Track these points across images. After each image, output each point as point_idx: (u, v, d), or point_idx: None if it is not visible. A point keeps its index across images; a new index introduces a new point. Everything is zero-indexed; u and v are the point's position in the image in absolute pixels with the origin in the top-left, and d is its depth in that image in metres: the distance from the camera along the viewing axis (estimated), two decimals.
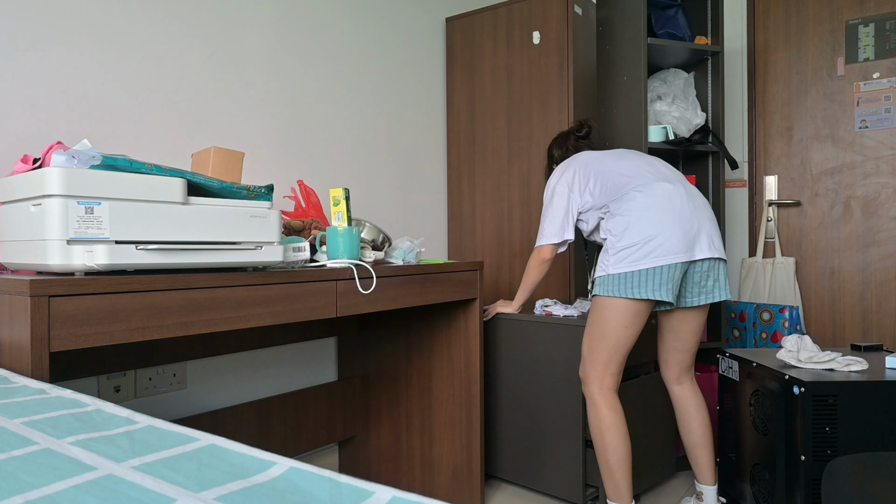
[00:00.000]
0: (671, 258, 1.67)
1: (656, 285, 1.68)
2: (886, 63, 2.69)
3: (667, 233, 1.68)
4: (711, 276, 1.78)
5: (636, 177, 1.78)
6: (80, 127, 1.61)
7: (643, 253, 1.68)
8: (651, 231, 1.68)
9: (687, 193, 1.75)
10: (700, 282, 1.78)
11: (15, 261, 1.15)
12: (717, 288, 1.80)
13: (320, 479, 0.53)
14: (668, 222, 1.69)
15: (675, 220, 1.69)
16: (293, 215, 1.81)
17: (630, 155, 1.87)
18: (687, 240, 1.70)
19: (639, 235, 1.69)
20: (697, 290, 1.79)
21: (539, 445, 2.10)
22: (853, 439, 1.55)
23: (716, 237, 1.76)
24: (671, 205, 1.71)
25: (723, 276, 1.80)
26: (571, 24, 2.42)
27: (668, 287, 1.68)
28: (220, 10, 1.93)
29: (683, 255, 1.69)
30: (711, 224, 1.76)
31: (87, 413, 0.74)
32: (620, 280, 1.71)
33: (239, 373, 1.99)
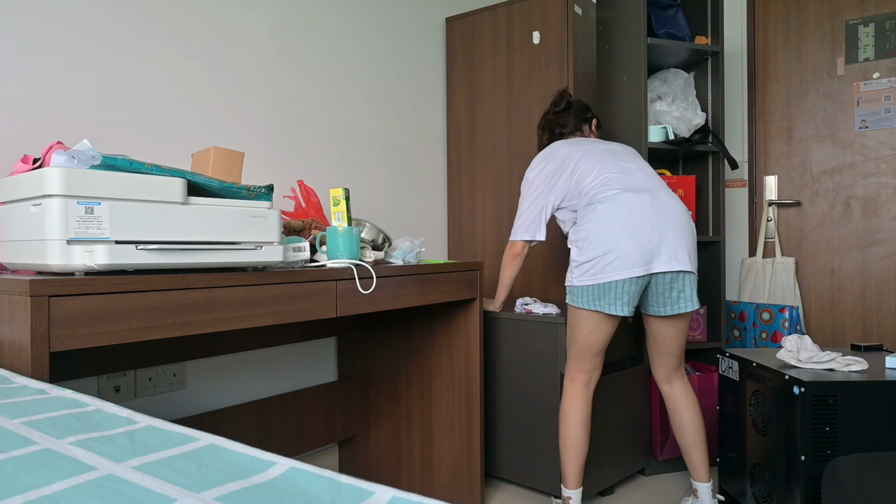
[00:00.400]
0: (626, 273, 1.71)
1: (612, 299, 1.75)
2: (886, 63, 2.69)
3: (623, 247, 1.71)
4: (675, 287, 1.77)
5: (604, 186, 1.79)
6: (80, 127, 1.61)
7: (600, 267, 1.74)
8: (608, 245, 1.72)
9: (652, 204, 1.74)
10: (664, 293, 1.78)
11: (15, 261, 1.15)
12: (682, 299, 1.79)
13: (320, 479, 0.53)
14: (625, 236, 1.71)
15: (632, 233, 1.71)
16: (293, 215, 1.81)
17: (606, 159, 1.85)
18: (644, 253, 1.71)
19: (597, 250, 1.74)
20: (662, 301, 1.80)
21: (531, 443, 2.11)
22: (853, 439, 1.55)
23: (680, 249, 1.73)
24: (630, 217, 1.72)
25: (689, 288, 1.78)
26: (571, 24, 2.42)
27: (623, 301, 1.74)
28: (220, 10, 1.93)
29: (639, 269, 1.71)
30: (677, 235, 1.73)
31: (87, 413, 0.74)
32: (582, 292, 1.79)
33: (239, 373, 1.99)
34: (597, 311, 1.77)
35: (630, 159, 1.87)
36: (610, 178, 1.79)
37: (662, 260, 1.72)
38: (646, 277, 1.74)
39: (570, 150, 1.90)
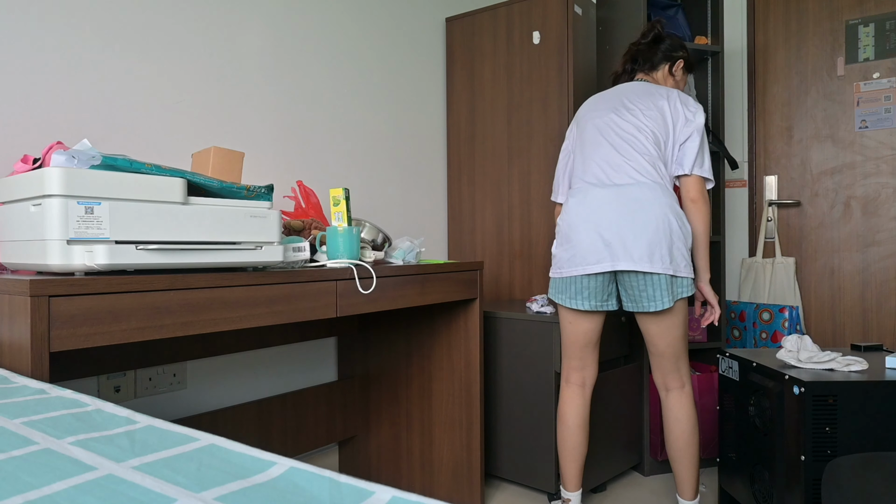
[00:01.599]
0: (582, 269, 1.72)
1: (572, 293, 1.76)
2: (886, 63, 2.69)
3: (584, 243, 1.71)
4: (636, 287, 1.70)
5: (582, 175, 1.80)
6: (80, 127, 1.61)
7: (563, 260, 1.77)
8: (571, 240, 1.74)
9: (618, 200, 1.69)
10: (627, 291, 1.74)
11: (15, 261, 1.15)
12: (644, 298, 1.71)
13: (320, 479, 0.53)
14: (585, 231, 1.71)
15: (592, 229, 1.70)
16: (293, 215, 1.81)
17: (599, 142, 1.79)
18: (599, 250, 1.69)
19: (562, 244, 1.78)
20: (629, 298, 1.75)
21: (531, 442, 2.11)
22: (853, 439, 1.55)
23: (637, 249, 1.65)
24: (592, 214, 1.71)
25: (651, 288, 1.68)
26: (571, 24, 2.42)
27: (583, 296, 1.75)
28: (220, 10, 1.93)
29: (595, 265, 1.70)
30: (637, 234, 1.66)
31: (87, 413, 0.74)
32: (552, 284, 1.84)
33: (239, 373, 1.99)
34: (562, 305, 1.81)
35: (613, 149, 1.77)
36: (590, 168, 1.78)
37: (619, 259, 1.68)
38: (608, 274, 1.73)
39: (585, 120, 1.87)
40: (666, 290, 1.69)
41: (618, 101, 1.83)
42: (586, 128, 1.85)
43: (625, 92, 1.86)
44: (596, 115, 1.85)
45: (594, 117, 1.85)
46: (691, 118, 1.78)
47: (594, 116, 1.85)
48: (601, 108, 1.85)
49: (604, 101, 1.87)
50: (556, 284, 1.81)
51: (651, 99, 1.80)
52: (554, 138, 2.47)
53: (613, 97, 1.86)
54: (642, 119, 1.77)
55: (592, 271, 1.71)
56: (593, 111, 1.87)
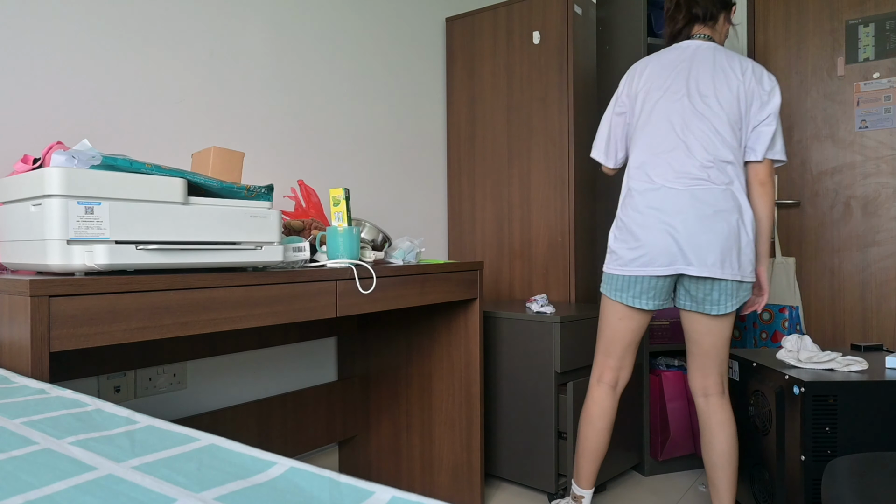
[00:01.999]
0: (651, 270, 1.64)
1: (637, 293, 1.68)
2: (886, 63, 2.69)
3: (657, 245, 1.62)
4: (702, 290, 1.64)
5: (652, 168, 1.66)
6: (80, 127, 1.61)
7: (628, 258, 1.67)
8: (641, 239, 1.65)
9: (692, 204, 1.60)
10: (691, 293, 1.67)
11: (15, 261, 1.15)
12: (708, 302, 1.65)
13: (320, 479, 0.53)
14: (659, 233, 1.62)
15: (665, 231, 1.62)
16: (293, 215, 1.81)
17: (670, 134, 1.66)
18: (672, 253, 1.61)
19: (629, 240, 1.68)
20: (689, 298, 1.69)
21: (531, 442, 2.11)
22: (853, 439, 1.55)
23: (710, 255, 1.59)
24: (666, 216, 1.62)
25: (717, 293, 1.63)
26: (571, 24, 2.42)
27: (648, 296, 1.67)
28: (221, 10, 1.93)
29: (665, 268, 1.62)
30: (710, 241, 1.60)
31: (87, 413, 0.74)
32: (609, 280, 1.73)
33: (239, 373, 1.99)
34: (621, 302, 1.72)
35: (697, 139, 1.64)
36: (658, 164, 1.66)
37: (691, 263, 1.61)
38: (674, 276, 1.66)
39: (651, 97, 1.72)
40: (732, 295, 1.64)
41: (687, 80, 1.69)
42: (655, 109, 1.70)
43: (694, 66, 1.70)
44: (664, 96, 1.70)
45: (662, 98, 1.69)
46: (766, 100, 1.67)
47: (662, 97, 1.70)
48: (670, 89, 1.69)
49: (671, 75, 1.71)
50: (617, 282, 1.71)
51: (725, 78, 1.67)
52: (554, 138, 2.47)
53: (681, 73, 1.70)
54: (717, 109, 1.65)
55: (663, 273, 1.63)
56: (660, 89, 1.71)
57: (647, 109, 1.72)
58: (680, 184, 1.63)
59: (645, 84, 1.74)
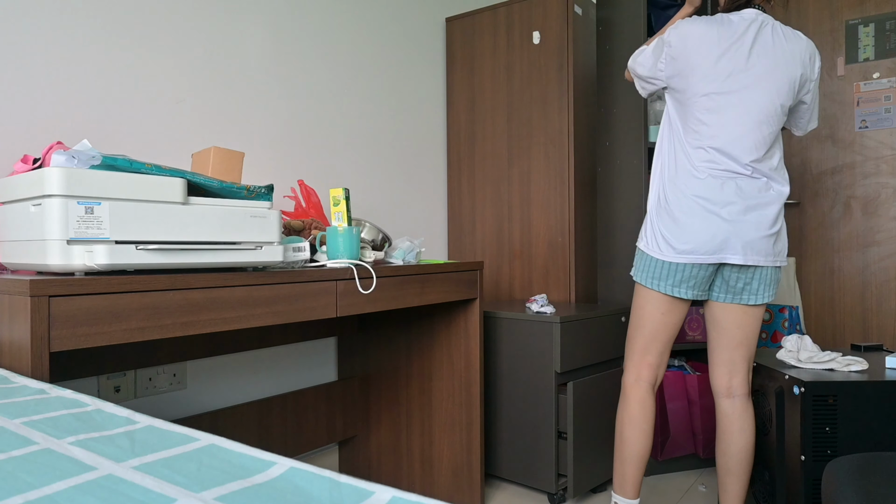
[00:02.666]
0: (694, 258, 1.58)
1: (676, 281, 1.61)
2: (886, 63, 2.69)
3: (703, 233, 1.56)
4: (742, 279, 1.61)
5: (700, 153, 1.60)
6: (80, 127, 1.61)
7: (669, 244, 1.60)
8: (685, 225, 1.58)
9: (739, 194, 1.56)
10: (729, 283, 1.62)
11: (15, 261, 1.15)
12: (746, 292, 1.61)
13: (320, 479, 0.53)
14: (706, 220, 1.56)
15: (712, 219, 1.56)
16: (293, 215, 1.81)
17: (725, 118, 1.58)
18: (718, 242, 1.56)
19: (670, 225, 1.60)
20: (726, 289, 1.64)
21: (531, 442, 2.11)
22: (853, 439, 1.55)
23: (759, 243, 1.56)
24: (713, 205, 1.56)
25: (757, 282, 1.60)
26: (571, 24, 2.42)
27: (689, 285, 1.61)
28: (220, 9, 1.93)
29: (709, 256, 1.57)
30: (757, 232, 1.56)
31: (87, 413, 0.74)
32: (649, 268, 1.64)
33: (239, 373, 1.99)
34: (660, 292, 1.64)
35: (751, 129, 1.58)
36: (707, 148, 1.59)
37: (737, 252, 1.57)
38: (715, 265, 1.61)
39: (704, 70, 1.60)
40: (770, 282, 1.61)
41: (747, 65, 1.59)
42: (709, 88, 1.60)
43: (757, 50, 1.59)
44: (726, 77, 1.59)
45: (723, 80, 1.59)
46: (813, 77, 1.66)
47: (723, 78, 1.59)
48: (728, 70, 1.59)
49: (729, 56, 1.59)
50: (655, 269, 1.63)
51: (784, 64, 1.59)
52: (554, 138, 2.47)
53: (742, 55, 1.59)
54: (776, 99, 1.59)
55: (706, 261, 1.58)
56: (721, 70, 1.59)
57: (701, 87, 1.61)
58: (730, 168, 1.58)
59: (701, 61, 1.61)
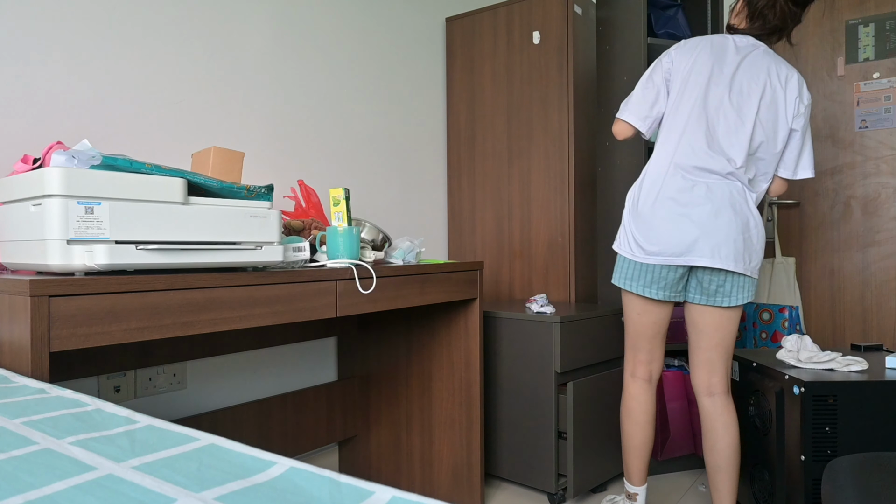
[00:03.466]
0: (663, 259, 1.62)
1: (647, 281, 1.67)
2: (886, 63, 2.69)
3: (671, 233, 1.60)
4: (715, 282, 1.64)
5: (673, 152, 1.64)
6: (80, 127, 1.61)
7: (640, 246, 1.66)
8: (655, 226, 1.63)
9: (708, 196, 1.59)
10: (703, 285, 1.66)
11: (15, 261, 1.15)
12: (720, 294, 1.65)
13: (320, 479, 0.53)
14: (674, 221, 1.60)
15: (681, 220, 1.60)
16: (293, 215, 1.81)
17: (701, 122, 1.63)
18: (687, 243, 1.59)
19: (641, 225, 1.65)
20: (701, 291, 1.67)
21: (530, 442, 2.11)
22: (853, 439, 1.55)
23: (725, 248, 1.59)
24: (681, 206, 1.60)
25: (730, 285, 1.63)
26: (571, 24, 2.42)
27: (659, 286, 1.67)
28: (220, 10, 1.93)
29: (678, 258, 1.61)
30: (727, 234, 1.59)
31: (87, 413, 0.74)
32: (622, 269, 1.71)
33: (239, 373, 1.99)
34: (632, 292, 1.71)
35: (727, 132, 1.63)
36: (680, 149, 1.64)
37: (705, 255, 1.59)
38: (686, 267, 1.65)
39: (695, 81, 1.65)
40: (742, 288, 1.64)
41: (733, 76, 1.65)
42: (691, 98, 1.66)
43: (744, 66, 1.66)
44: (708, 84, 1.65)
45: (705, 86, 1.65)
46: (803, 111, 1.67)
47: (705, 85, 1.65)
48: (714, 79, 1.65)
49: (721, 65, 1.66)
50: (627, 269, 1.70)
51: (770, 84, 1.65)
52: (554, 138, 2.47)
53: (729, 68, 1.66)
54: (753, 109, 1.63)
55: (673, 263, 1.62)
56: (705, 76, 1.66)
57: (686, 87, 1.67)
58: (700, 171, 1.62)
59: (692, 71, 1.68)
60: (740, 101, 1.63)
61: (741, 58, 1.67)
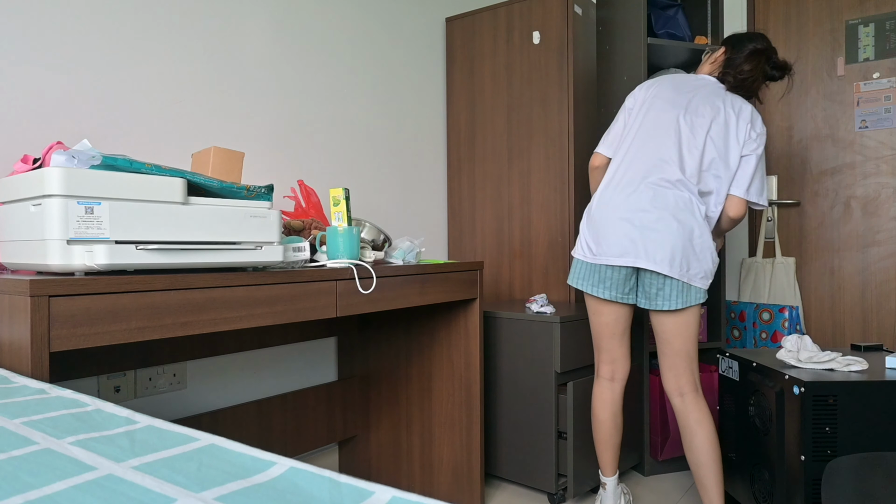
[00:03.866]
0: (606, 259, 1.74)
1: (595, 281, 1.78)
2: (886, 63, 2.69)
3: (613, 235, 1.72)
4: (654, 285, 1.72)
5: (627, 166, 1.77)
6: (80, 127, 1.61)
7: (590, 247, 1.77)
8: (600, 229, 1.75)
9: (652, 202, 1.69)
10: (645, 288, 1.75)
11: (15, 261, 1.15)
12: (659, 297, 1.72)
13: (320, 479, 0.53)
14: (617, 225, 1.71)
15: (623, 224, 1.70)
16: (293, 215, 1.81)
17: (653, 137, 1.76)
18: (625, 245, 1.70)
19: (591, 228, 1.78)
20: (644, 294, 1.76)
21: (530, 442, 2.11)
22: (853, 439, 1.55)
23: (660, 252, 1.67)
24: (625, 212, 1.71)
25: (668, 289, 1.70)
26: (571, 24, 2.42)
27: (605, 285, 1.77)
28: (220, 10, 1.93)
29: (618, 259, 1.72)
30: (663, 238, 1.67)
31: (87, 413, 0.74)
32: (575, 269, 1.83)
33: (239, 373, 1.99)
34: (584, 292, 1.83)
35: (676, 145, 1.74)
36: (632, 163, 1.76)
37: (640, 257, 1.69)
38: (630, 269, 1.75)
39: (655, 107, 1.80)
40: (680, 293, 1.71)
41: (690, 100, 1.79)
42: (647, 116, 1.81)
43: (701, 93, 1.81)
44: (664, 108, 1.79)
45: (662, 109, 1.79)
46: (755, 138, 1.77)
47: (662, 109, 1.79)
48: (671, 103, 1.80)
49: (677, 92, 1.82)
50: (579, 269, 1.81)
51: (723, 109, 1.77)
52: (554, 138, 2.47)
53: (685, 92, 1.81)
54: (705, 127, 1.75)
55: (615, 263, 1.72)
56: (663, 101, 1.81)
57: (645, 112, 1.82)
58: (647, 181, 1.73)
59: (653, 97, 1.84)
60: (694, 119, 1.76)
61: (699, 86, 1.83)
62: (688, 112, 1.77)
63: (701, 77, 1.86)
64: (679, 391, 1.79)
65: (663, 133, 1.76)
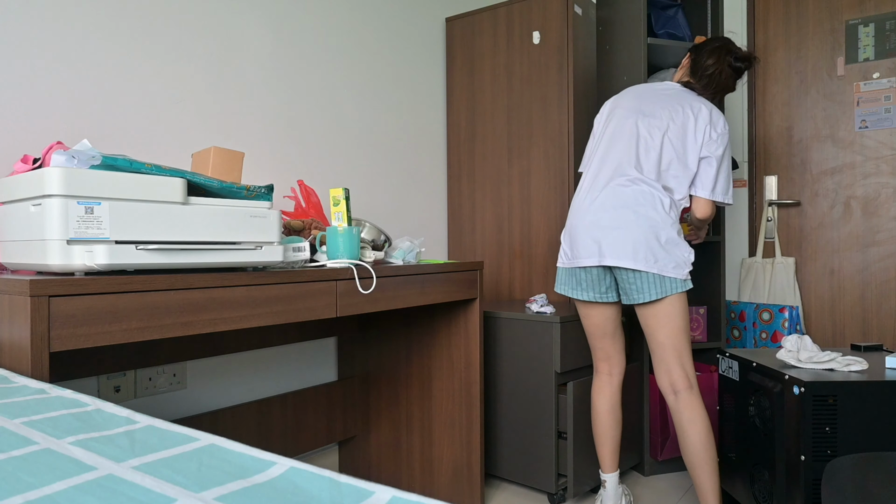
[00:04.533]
0: (577, 261, 1.80)
1: (573, 284, 1.85)
2: (886, 63, 2.69)
3: (581, 237, 1.78)
4: (626, 280, 1.74)
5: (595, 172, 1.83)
6: (80, 127, 1.61)
7: (566, 252, 1.85)
8: (571, 233, 1.82)
9: (613, 201, 1.73)
10: (620, 285, 1.78)
11: (15, 261, 1.15)
12: (633, 291, 1.74)
13: (320, 479, 0.53)
14: (584, 227, 1.77)
15: (588, 225, 1.76)
16: (293, 215, 1.81)
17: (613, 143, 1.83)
18: (589, 245, 1.76)
19: (566, 235, 1.85)
20: (621, 291, 1.79)
21: (530, 442, 2.11)
22: (853, 439, 1.55)
23: (622, 248, 1.70)
24: (589, 213, 1.77)
25: (640, 282, 1.72)
26: (571, 24, 2.42)
27: (582, 287, 1.83)
28: (220, 10, 1.93)
29: (586, 259, 1.77)
30: (624, 234, 1.70)
31: (87, 413, 0.74)
32: (558, 276, 1.90)
33: (239, 373, 1.99)
34: (566, 295, 1.90)
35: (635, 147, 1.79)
36: (600, 168, 1.83)
37: (605, 255, 1.73)
38: (603, 268, 1.79)
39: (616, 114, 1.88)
40: (653, 284, 1.72)
41: (651, 105, 1.84)
42: (608, 127, 1.89)
43: (661, 98, 1.85)
44: (624, 115, 1.85)
45: (622, 117, 1.86)
46: (716, 138, 1.79)
47: (623, 116, 1.86)
48: (631, 110, 1.85)
49: (638, 100, 1.87)
50: (560, 275, 1.89)
51: (682, 111, 1.80)
52: (554, 138, 2.47)
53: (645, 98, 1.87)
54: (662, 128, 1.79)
55: (584, 264, 1.79)
56: (624, 109, 1.87)
57: (608, 121, 1.91)
58: (609, 182, 1.78)
59: (616, 107, 1.91)
60: (651, 121, 1.80)
61: (660, 90, 1.88)
62: (645, 115, 1.81)
63: (665, 83, 1.92)
64: (672, 388, 1.77)
65: (624, 139, 1.81)
